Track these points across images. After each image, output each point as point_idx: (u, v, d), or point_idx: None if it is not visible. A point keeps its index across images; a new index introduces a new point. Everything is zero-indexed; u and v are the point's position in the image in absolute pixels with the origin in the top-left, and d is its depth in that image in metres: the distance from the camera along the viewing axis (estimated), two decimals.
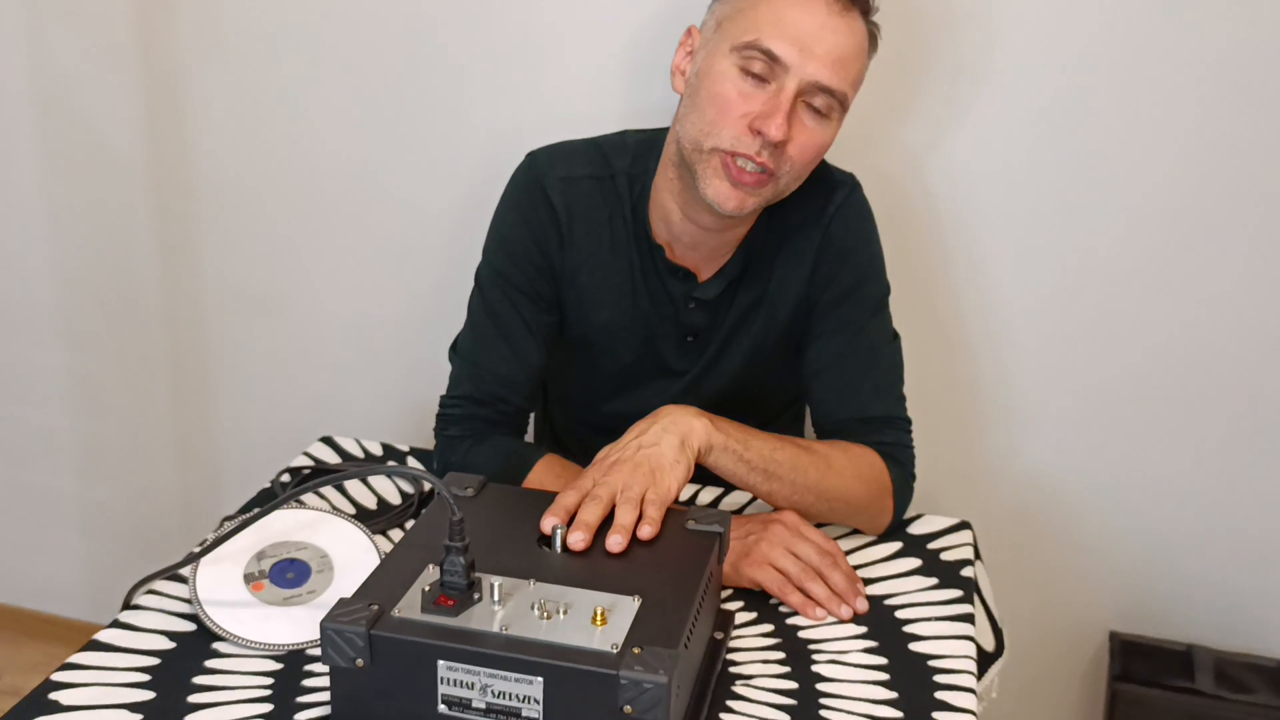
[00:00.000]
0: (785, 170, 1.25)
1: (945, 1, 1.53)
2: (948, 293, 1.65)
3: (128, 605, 1.15)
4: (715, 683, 1.06)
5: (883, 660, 1.12)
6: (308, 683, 1.06)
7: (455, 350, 1.42)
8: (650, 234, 1.36)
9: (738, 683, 1.08)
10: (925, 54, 1.55)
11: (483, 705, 0.92)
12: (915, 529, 1.35)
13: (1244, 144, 1.50)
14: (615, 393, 1.47)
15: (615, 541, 1.05)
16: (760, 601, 1.20)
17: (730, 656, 1.11)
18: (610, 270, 1.38)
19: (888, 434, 1.35)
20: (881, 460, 1.32)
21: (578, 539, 1.05)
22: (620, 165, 1.37)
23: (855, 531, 1.34)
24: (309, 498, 1.32)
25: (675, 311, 1.40)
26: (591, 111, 1.64)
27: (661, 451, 1.14)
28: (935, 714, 1.05)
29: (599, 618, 0.93)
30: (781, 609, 1.19)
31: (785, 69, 1.20)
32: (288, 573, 1.15)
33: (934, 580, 1.25)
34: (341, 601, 0.95)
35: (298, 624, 1.10)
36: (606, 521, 1.07)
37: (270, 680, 1.06)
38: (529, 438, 1.58)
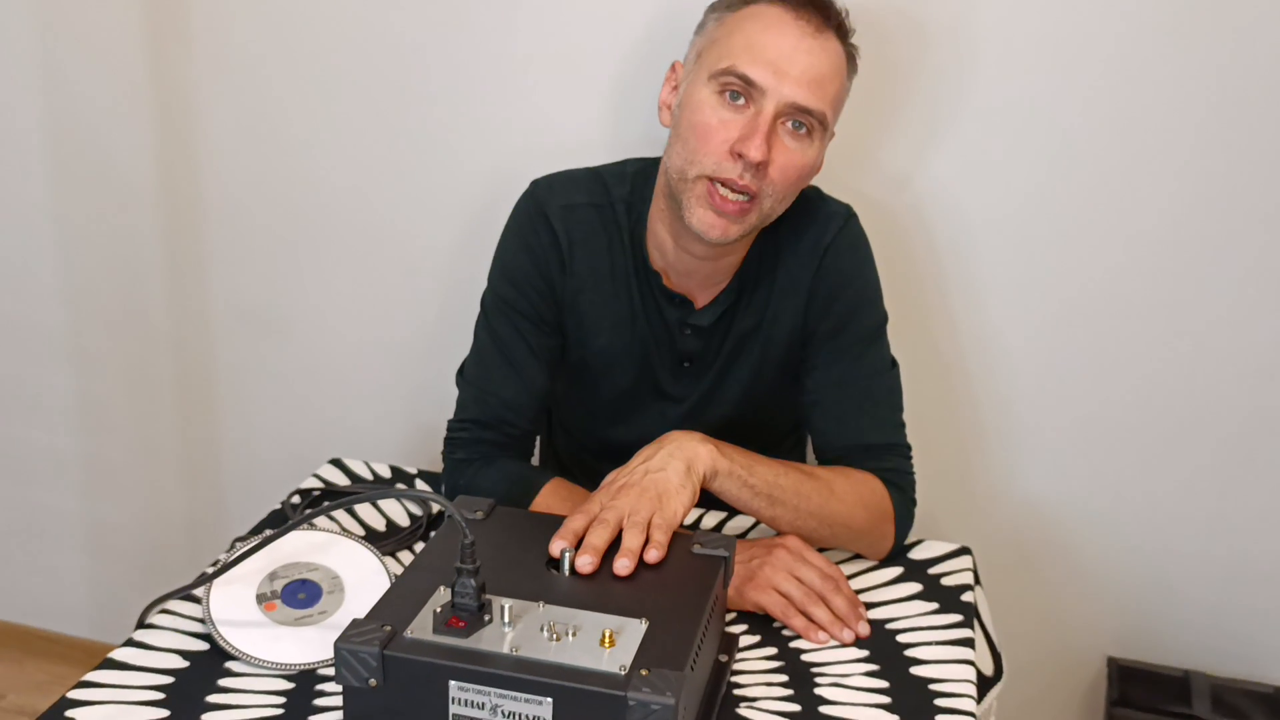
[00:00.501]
0: (768, 193, 1.27)
1: (922, 24, 1.55)
2: (945, 319, 1.67)
3: (142, 624, 1.17)
4: (720, 705, 1.08)
5: (884, 684, 1.14)
6: (319, 702, 1.07)
7: (462, 375, 1.45)
8: (648, 261, 1.39)
9: (741, 705, 1.10)
10: (908, 78, 1.57)
11: None
12: (916, 554, 1.37)
13: (1238, 170, 1.52)
14: (615, 418, 1.49)
15: (622, 565, 1.06)
16: (764, 625, 1.22)
17: (734, 679, 1.13)
18: (609, 296, 1.40)
19: (888, 460, 1.37)
20: (883, 486, 1.34)
21: (585, 562, 1.06)
22: (619, 193, 1.40)
23: (857, 556, 1.35)
24: (320, 519, 1.34)
25: (671, 337, 1.42)
26: (588, 140, 1.67)
27: (667, 476, 1.16)
28: None
29: (607, 640, 0.95)
30: (785, 632, 1.21)
31: (762, 92, 1.23)
32: (299, 593, 1.17)
33: (934, 605, 1.27)
34: (355, 622, 0.97)
35: (309, 644, 1.12)
36: (614, 545, 1.09)
37: (283, 700, 1.07)
38: (534, 461, 1.60)
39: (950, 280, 1.66)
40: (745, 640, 1.19)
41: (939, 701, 1.11)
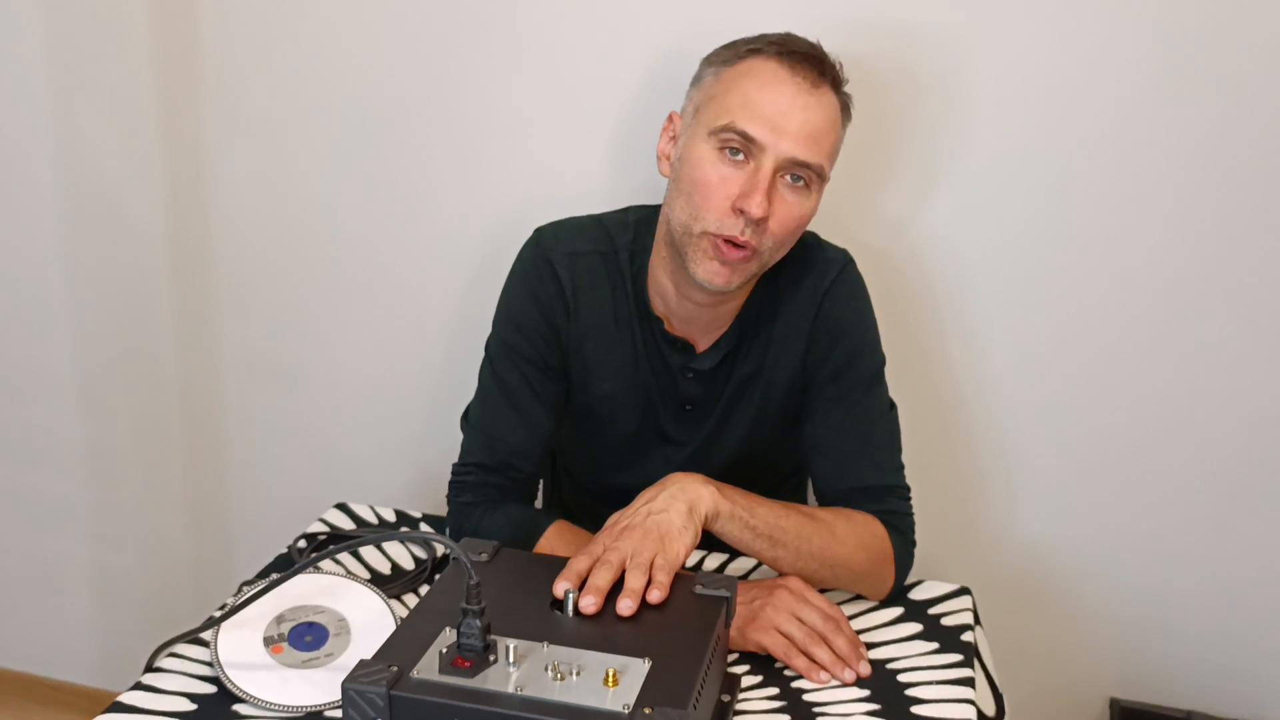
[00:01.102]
0: (768, 245, 1.30)
1: (918, 75, 1.58)
2: (943, 362, 1.69)
3: (150, 668, 1.18)
4: None
5: None
6: None
7: (467, 419, 1.47)
8: (649, 306, 1.41)
9: None
10: (905, 128, 1.60)
11: None
12: (916, 594, 1.38)
13: (1227, 214, 1.55)
14: (620, 463, 1.51)
15: (626, 605, 1.08)
16: (766, 665, 1.23)
17: (737, 719, 1.14)
18: (613, 342, 1.43)
19: (888, 503, 1.38)
20: (884, 528, 1.35)
21: (589, 603, 1.08)
22: (622, 241, 1.42)
23: (857, 597, 1.36)
24: (325, 563, 1.35)
25: (673, 381, 1.44)
26: (590, 188, 1.70)
27: (670, 518, 1.18)
28: None
29: (611, 679, 0.97)
30: (786, 672, 1.22)
31: (761, 148, 1.26)
32: (306, 636, 1.18)
33: (935, 645, 1.28)
34: (362, 663, 0.98)
35: (316, 686, 1.13)
36: (617, 586, 1.11)
37: None
38: (538, 503, 1.61)
39: (949, 324, 1.68)
40: (747, 680, 1.20)
41: None
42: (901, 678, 1.22)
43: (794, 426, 1.46)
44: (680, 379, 1.44)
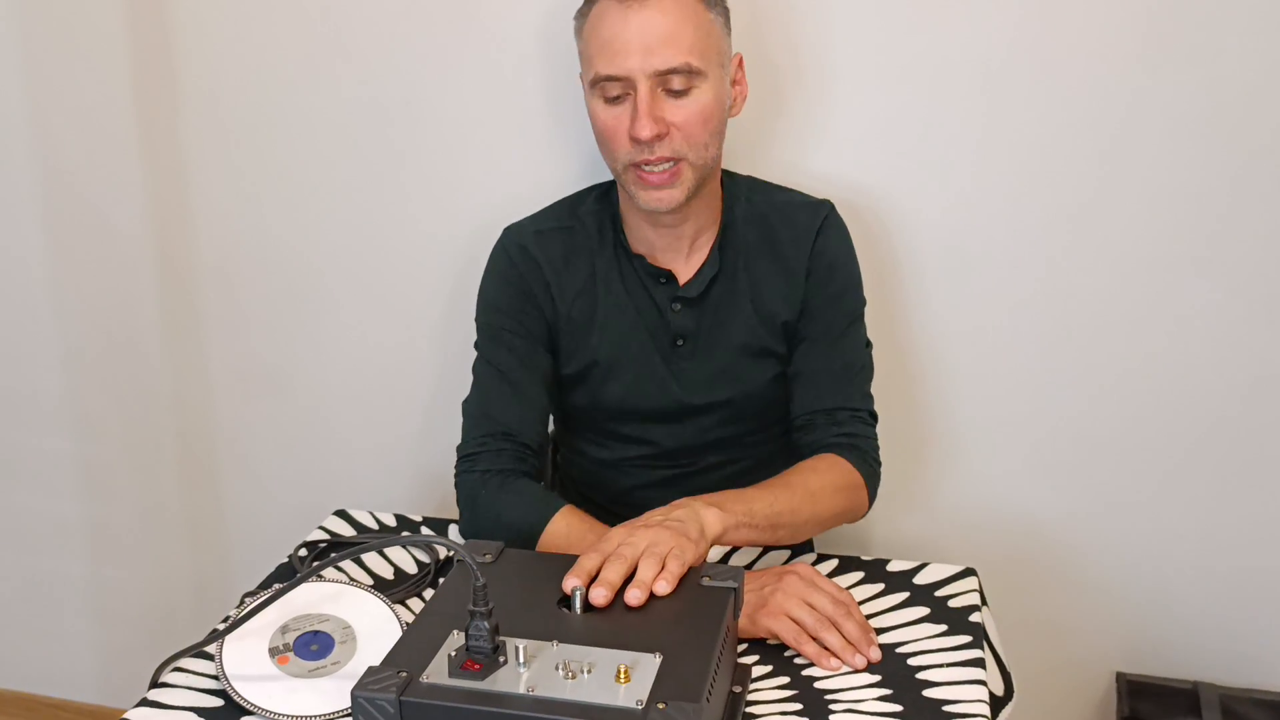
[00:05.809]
0: (685, 148, 1.36)
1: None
2: (944, 339, 1.69)
3: (155, 683, 1.17)
4: None
5: (898, 707, 1.14)
6: None
7: (465, 409, 1.48)
8: (629, 250, 1.47)
9: None
10: (877, 71, 1.60)
11: None
12: (921, 578, 1.37)
13: (1214, 179, 1.55)
14: (623, 416, 1.52)
15: (634, 595, 1.08)
16: (776, 655, 1.22)
17: (749, 710, 1.13)
18: (596, 299, 1.48)
19: (849, 425, 1.46)
20: (844, 460, 1.42)
21: (600, 594, 1.08)
22: (585, 210, 1.50)
23: (866, 582, 1.36)
24: (328, 570, 1.34)
25: (663, 318, 1.48)
26: (569, 184, 1.68)
27: (686, 527, 1.19)
28: None
29: (622, 675, 0.96)
30: (797, 660, 1.21)
31: (628, 80, 1.34)
32: (312, 645, 1.17)
33: (943, 627, 1.28)
34: (370, 670, 0.97)
35: (324, 695, 1.12)
36: (625, 583, 1.10)
37: None
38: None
39: (949, 300, 1.67)
40: (758, 670, 1.20)
41: None
42: (911, 661, 1.22)
43: (786, 364, 1.51)
44: (668, 312, 1.47)
